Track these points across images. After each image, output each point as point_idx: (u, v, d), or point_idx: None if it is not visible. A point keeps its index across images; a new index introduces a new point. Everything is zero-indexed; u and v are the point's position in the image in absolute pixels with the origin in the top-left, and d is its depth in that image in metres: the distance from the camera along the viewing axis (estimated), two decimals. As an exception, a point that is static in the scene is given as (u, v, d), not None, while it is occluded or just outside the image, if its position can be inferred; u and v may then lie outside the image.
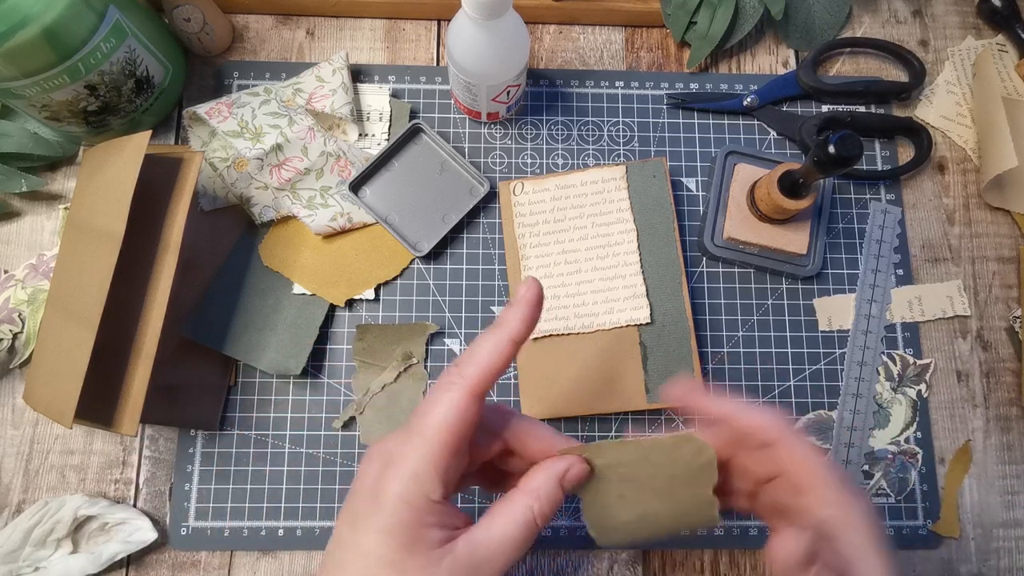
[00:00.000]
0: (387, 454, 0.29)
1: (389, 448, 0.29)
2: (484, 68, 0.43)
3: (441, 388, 0.29)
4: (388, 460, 0.29)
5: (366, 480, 0.29)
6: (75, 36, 0.39)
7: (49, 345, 0.41)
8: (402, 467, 0.28)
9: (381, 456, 0.29)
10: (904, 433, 0.47)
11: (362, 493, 0.29)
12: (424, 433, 0.28)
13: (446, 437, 0.28)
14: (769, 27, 0.55)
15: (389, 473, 0.28)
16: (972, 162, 0.52)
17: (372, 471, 0.29)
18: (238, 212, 0.48)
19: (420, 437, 0.28)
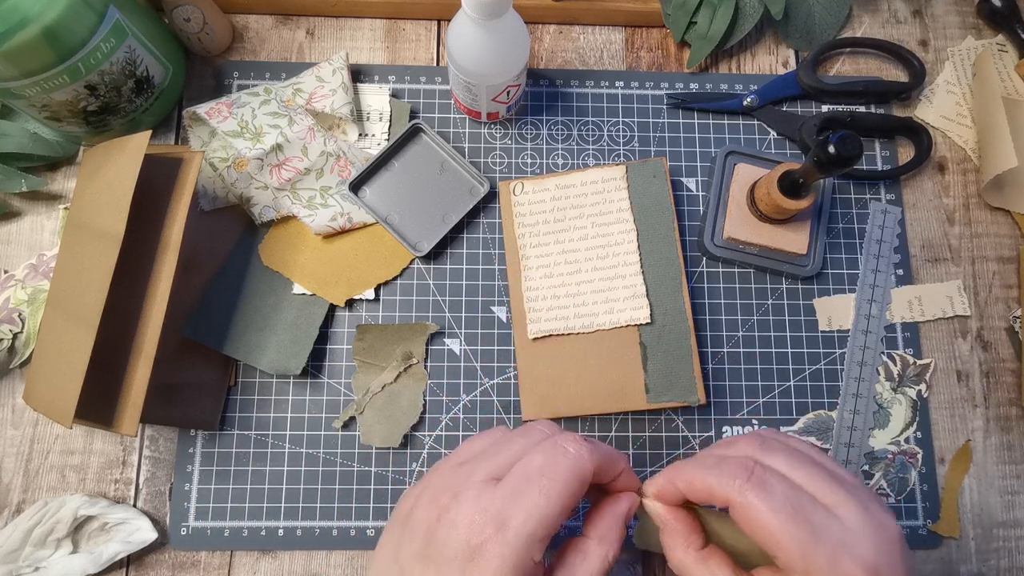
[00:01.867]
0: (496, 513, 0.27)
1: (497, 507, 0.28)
2: (484, 68, 0.43)
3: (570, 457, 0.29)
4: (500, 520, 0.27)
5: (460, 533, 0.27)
6: (75, 36, 0.39)
7: (49, 345, 0.41)
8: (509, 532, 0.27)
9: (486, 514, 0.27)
10: (904, 433, 0.47)
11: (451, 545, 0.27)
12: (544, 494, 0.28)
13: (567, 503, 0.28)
14: (769, 27, 0.55)
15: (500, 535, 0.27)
16: (972, 162, 0.52)
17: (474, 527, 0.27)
18: (238, 212, 0.48)
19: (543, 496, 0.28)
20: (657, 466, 0.46)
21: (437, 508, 0.28)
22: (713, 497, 0.29)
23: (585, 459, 0.29)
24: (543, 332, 0.46)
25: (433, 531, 0.28)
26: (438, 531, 0.28)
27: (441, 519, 0.28)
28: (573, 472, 0.29)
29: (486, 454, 0.30)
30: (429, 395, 0.47)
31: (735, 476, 0.28)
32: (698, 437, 0.47)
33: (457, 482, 0.29)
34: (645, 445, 0.47)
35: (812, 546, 0.26)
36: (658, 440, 0.47)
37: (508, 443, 0.31)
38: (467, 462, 0.31)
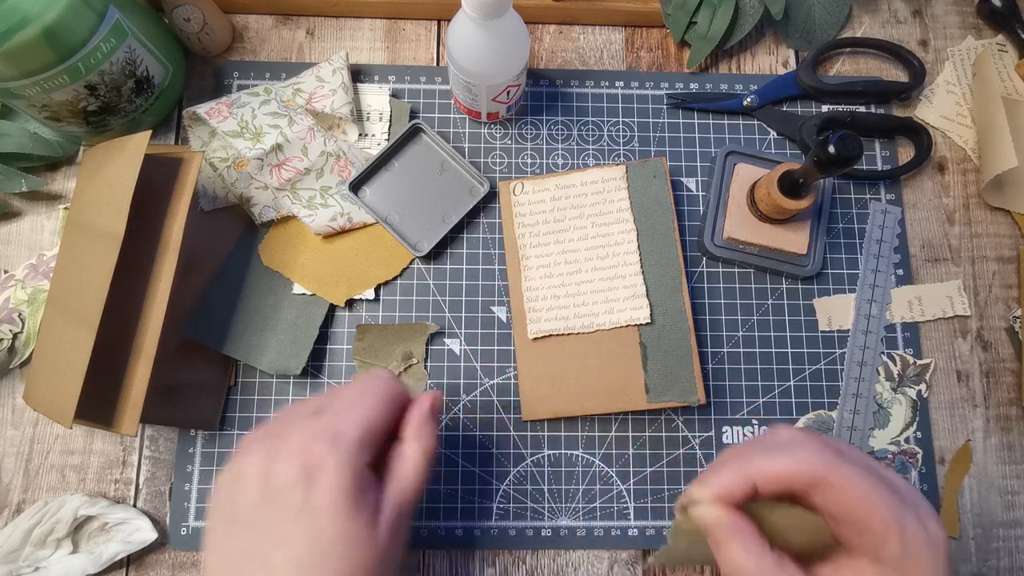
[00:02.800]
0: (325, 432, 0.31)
1: (324, 427, 0.31)
2: (484, 68, 0.43)
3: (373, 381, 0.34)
4: (331, 436, 0.31)
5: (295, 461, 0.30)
6: (75, 36, 0.39)
7: (49, 345, 0.41)
8: (341, 441, 0.30)
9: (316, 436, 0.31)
10: (904, 433, 0.47)
11: (289, 474, 0.30)
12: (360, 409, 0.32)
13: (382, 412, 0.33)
14: (769, 27, 0.55)
15: (334, 446, 0.30)
16: (972, 162, 0.52)
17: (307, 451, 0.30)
18: (238, 212, 0.48)
19: (363, 408, 0.32)
20: (657, 466, 0.46)
21: (268, 453, 0.30)
22: (795, 480, 0.27)
23: (392, 378, 0.35)
24: (543, 332, 0.46)
25: (267, 472, 0.30)
26: (273, 468, 0.30)
27: (274, 458, 0.30)
28: (383, 386, 0.34)
29: (302, 404, 0.34)
30: (429, 395, 0.47)
31: (822, 452, 0.27)
32: (698, 437, 0.47)
33: (280, 428, 0.32)
34: (645, 445, 0.47)
35: (902, 509, 0.26)
36: (658, 440, 0.47)
37: (333, 394, 0.34)
38: (276, 426, 0.33)
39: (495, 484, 0.46)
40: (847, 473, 0.27)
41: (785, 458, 0.28)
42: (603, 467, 0.46)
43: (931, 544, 0.26)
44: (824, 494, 0.27)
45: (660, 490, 0.46)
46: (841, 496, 0.27)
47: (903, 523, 0.26)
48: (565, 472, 0.46)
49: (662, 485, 0.46)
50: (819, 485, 0.27)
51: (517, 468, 0.46)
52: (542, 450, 0.46)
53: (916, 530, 0.26)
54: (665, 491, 0.46)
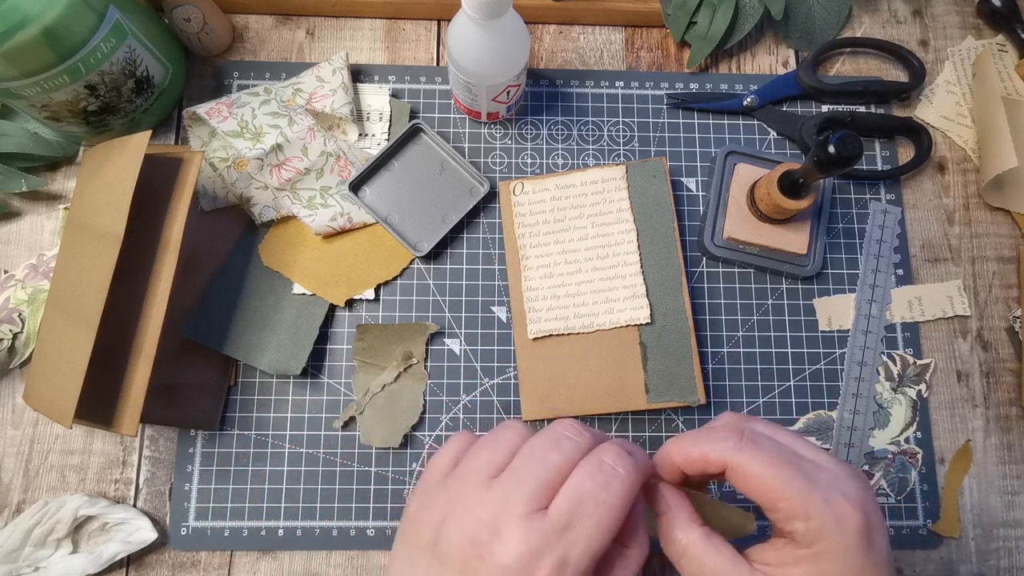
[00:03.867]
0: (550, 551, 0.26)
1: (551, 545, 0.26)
2: (484, 68, 0.43)
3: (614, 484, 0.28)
4: (557, 561, 0.26)
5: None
6: (75, 36, 0.39)
7: (49, 345, 0.41)
8: (575, 565, 0.26)
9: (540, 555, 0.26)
10: (904, 433, 0.47)
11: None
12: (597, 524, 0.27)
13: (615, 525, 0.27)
14: (769, 27, 0.55)
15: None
16: (972, 162, 0.52)
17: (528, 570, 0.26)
18: (238, 212, 0.48)
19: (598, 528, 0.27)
20: (657, 466, 0.46)
21: (478, 546, 0.26)
22: (708, 463, 0.29)
23: (634, 478, 0.28)
24: (543, 332, 0.46)
25: (475, 570, 0.26)
26: (483, 572, 0.26)
27: (485, 559, 0.26)
28: (626, 497, 0.27)
29: (519, 474, 0.28)
30: (429, 395, 0.47)
31: (727, 439, 0.29)
32: (698, 437, 0.47)
33: (495, 511, 0.27)
34: (645, 445, 0.47)
35: (808, 490, 0.27)
36: (658, 440, 0.47)
37: (541, 459, 0.28)
38: (496, 481, 0.28)
39: (495, 484, 0.46)
40: (752, 459, 0.28)
41: (701, 444, 0.30)
42: (603, 467, 0.46)
43: (839, 523, 0.27)
44: (735, 479, 0.29)
45: (660, 490, 0.46)
46: (748, 482, 0.28)
47: (807, 506, 0.27)
48: (565, 472, 0.46)
49: (662, 485, 0.46)
50: (729, 470, 0.29)
51: (517, 468, 0.46)
52: (542, 450, 0.46)
53: (822, 511, 0.27)
54: (665, 491, 0.46)
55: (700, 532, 0.29)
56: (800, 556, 0.28)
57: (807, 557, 0.27)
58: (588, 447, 0.29)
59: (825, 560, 0.27)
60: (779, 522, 0.28)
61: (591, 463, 0.28)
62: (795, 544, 0.28)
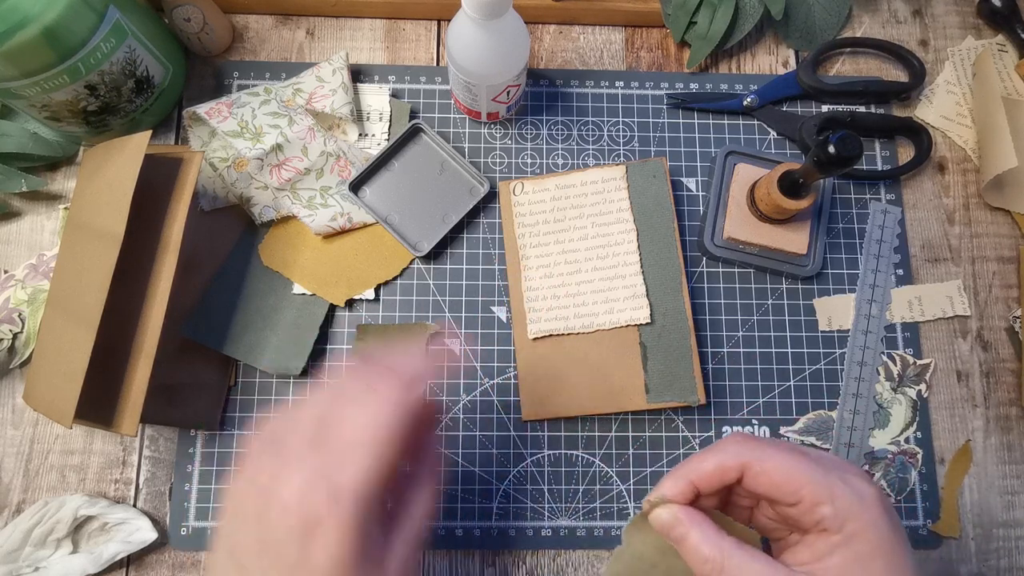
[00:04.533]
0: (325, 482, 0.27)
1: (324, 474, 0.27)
2: (484, 68, 0.43)
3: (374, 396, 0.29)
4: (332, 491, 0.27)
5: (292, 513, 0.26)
6: (75, 36, 0.39)
7: (49, 345, 0.41)
8: (344, 496, 0.27)
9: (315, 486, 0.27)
10: (904, 433, 0.47)
11: (285, 526, 0.26)
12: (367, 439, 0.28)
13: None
14: (769, 27, 0.55)
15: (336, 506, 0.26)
16: (972, 162, 0.52)
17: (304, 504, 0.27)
18: (238, 212, 0.48)
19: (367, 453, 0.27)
20: (657, 466, 0.46)
21: (263, 494, 0.27)
22: (726, 471, 0.29)
23: (390, 395, 0.29)
24: (543, 332, 0.46)
25: (263, 515, 0.27)
26: (269, 514, 0.27)
27: (269, 502, 0.27)
28: (396, 408, 0.28)
29: (295, 422, 0.29)
30: (429, 395, 0.47)
31: (740, 444, 0.30)
32: (698, 437, 0.47)
33: (280, 454, 0.28)
34: (645, 445, 0.47)
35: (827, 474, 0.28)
36: (658, 440, 0.47)
37: (311, 403, 0.30)
38: (280, 435, 0.29)
39: (495, 484, 0.46)
40: (768, 454, 0.29)
41: (714, 454, 0.30)
42: (603, 467, 0.46)
43: (861, 500, 0.28)
44: (755, 479, 0.29)
45: (660, 490, 0.46)
46: (769, 476, 0.29)
47: (830, 488, 0.28)
48: (565, 472, 0.46)
49: (662, 485, 0.46)
50: (748, 471, 0.29)
51: (517, 468, 0.46)
52: (542, 450, 0.46)
53: (843, 491, 0.28)
54: (665, 491, 0.46)
55: (732, 542, 0.29)
56: (834, 543, 0.28)
57: (840, 543, 0.28)
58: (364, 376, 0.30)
59: (857, 540, 0.27)
60: (805, 514, 0.28)
61: (346, 389, 0.29)
62: (826, 533, 0.28)
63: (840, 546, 0.28)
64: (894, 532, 0.28)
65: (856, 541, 0.27)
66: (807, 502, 0.28)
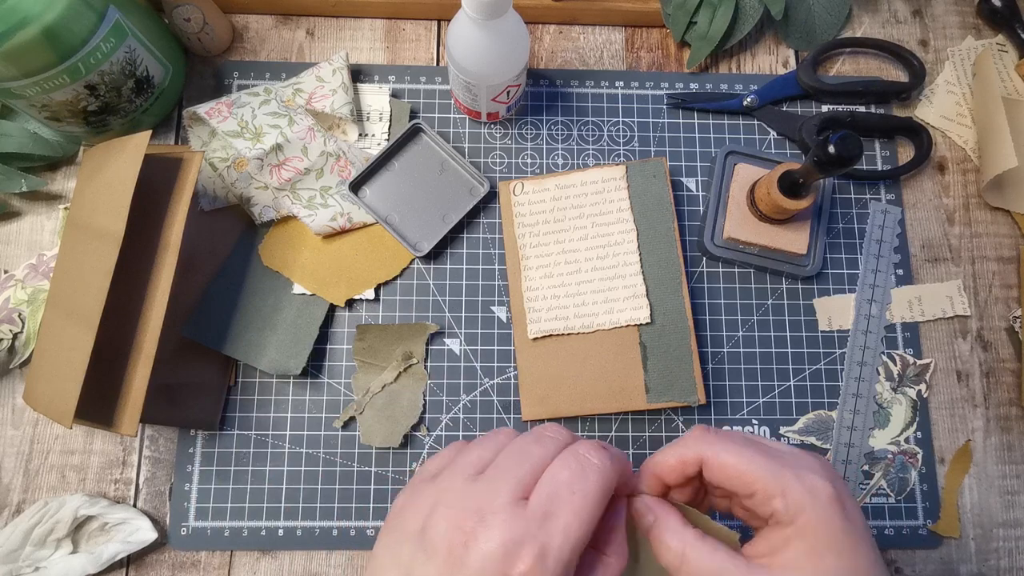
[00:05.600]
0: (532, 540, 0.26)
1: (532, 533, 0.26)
2: (484, 68, 0.43)
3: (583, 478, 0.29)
4: (538, 548, 0.26)
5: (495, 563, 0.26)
6: (75, 36, 0.39)
7: (49, 345, 0.41)
8: (550, 561, 0.26)
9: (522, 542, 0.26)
10: (904, 433, 0.47)
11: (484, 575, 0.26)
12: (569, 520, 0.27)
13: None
14: (769, 27, 0.55)
15: (540, 564, 0.26)
16: (972, 162, 0.52)
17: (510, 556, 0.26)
18: (238, 212, 0.48)
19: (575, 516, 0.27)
20: (657, 466, 0.46)
21: (463, 533, 0.27)
22: (685, 463, 0.30)
23: (609, 470, 0.29)
24: (543, 332, 0.46)
25: (459, 557, 0.26)
26: (467, 558, 0.26)
27: (469, 545, 0.26)
28: (601, 486, 0.28)
29: (503, 467, 0.29)
30: (429, 395, 0.47)
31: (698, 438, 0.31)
32: (698, 437, 0.47)
33: (480, 502, 0.28)
34: (645, 445, 0.47)
35: (779, 468, 0.29)
36: (658, 440, 0.47)
37: (523, 454, 0.29)
38: (483, 475, 0.29)
39: (495, 484, 0.46)
40: (723, 449, 0.30)
41: (675, 448, 0.31)
42: (603, 467, 0.46)
43: (813, 494, 0.28)
44: (712, 472, 0.30)
45: (660, 490, 0.46)
46: (724, 470, 0.29)
47: (782, 482, 0.28)
48: (565, 472, 0.46)
49: (662, 485, 0.46)
50: (705, 464, 0.30)
51: (517, 468, 0.46)
52: (542, 450, 0.46)
53: (795, 485, 0.28)
54: (665, 491, 0.46)
55: (694, 533, 0.30)
56: (787, 536, 0.28)
57: (793, 535, 0.28)
58: (567, 443, 0.30)
59: (809, 534, 0.28)
60: (759, 506, 0.29)
61: (568, 454, 0.29)
62: (780, 525, 0.29)
63: (793, 539, 0.28)
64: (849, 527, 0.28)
65: (808, 535, 0.28)
66: (760, 495, 0.29)
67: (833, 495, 0.28)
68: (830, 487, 0.28)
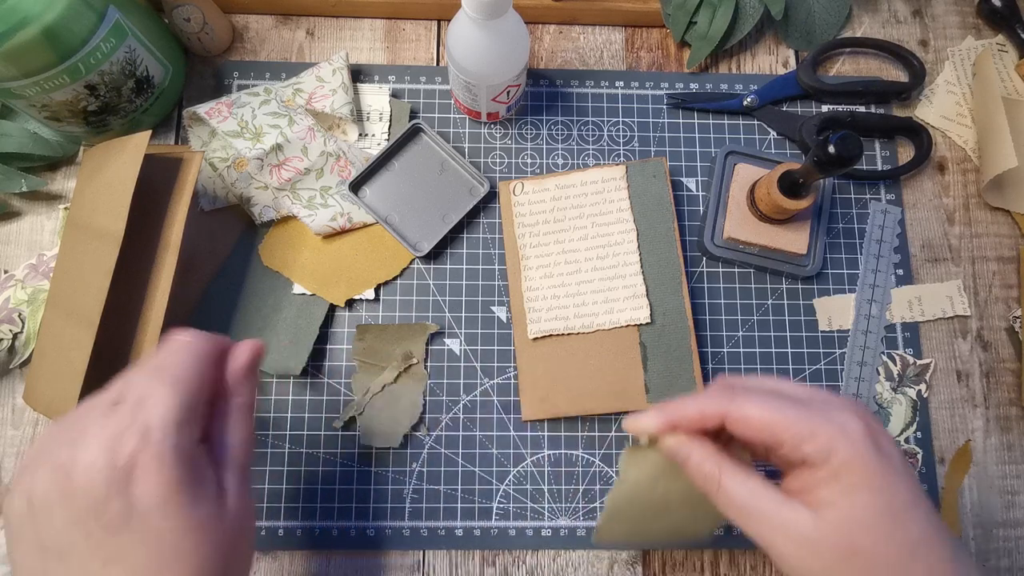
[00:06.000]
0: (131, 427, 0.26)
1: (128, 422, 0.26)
2: (484, 68, 0.43)
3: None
4: (140, 430, 0.26)
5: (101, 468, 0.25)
6: (75, 36, 0.39)
7: (49, 345, 0.41)
8: (154, 429, 0.26)
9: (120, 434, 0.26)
10: (904, 433, 0.47)
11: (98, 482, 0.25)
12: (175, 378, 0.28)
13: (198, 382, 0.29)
14: (769, 27, 0.55)
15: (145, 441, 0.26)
16: (972, 162, 0.52)
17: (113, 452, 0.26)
18: (238, 212, 0.48)
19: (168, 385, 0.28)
20: (657, 466, 0.46)
21: (61, 468, 0.26)
22: (705, 418, 0.31)
23: (194, 339, 0.30)
24: (543, 332, 0.46)
25: (67, 487, 0.25)
26: (76, 482, 0.25)
27: (72, 472, 0.25)
28: (187, 352, 0.29)
29: (94, 398, 0.29)
30: (429, 395, 0.47)
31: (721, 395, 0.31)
32: (698, 437, 0.47)
33: (71, 434, 0.27)
34: (645, 445, 0.47)
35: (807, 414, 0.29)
36: (658, 440, 0.47)
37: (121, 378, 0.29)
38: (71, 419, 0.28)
39: (495, 484, 0.46)
40: (745, 403, 0.30)
41: (697, 401, 0.31)
42: (603, 467, 0.46)
43: (844, 433, 0.28)
44: (736, 426, 0.30)
45: (660, 490, 0.46)
46: (748, 424, 0.29)
47: (811, 426, 0.28)
48: (565, 472, 0.46)
49: (662, 485, 0.46)
50: (728, 418, 0.30)
51: (517, 468, 0.46)
52: (542, 450, 0.46)
53: (825, 428, 0.28)
54: (665, 491, 0.46)
55: (730, 461, 0.30)
56: (821, 478, 0.28)
57: (827, 477, 0.28)
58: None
59: (844, 475, 0.28)
60: (790, 454, 0.29)
61: (144, 360, 0.30)
62: (814, 468, 0.29)
63: (827, 479, 0.28)
64: (884, 463, 0.28)
65: (842, 474, 0.28)
66: (789, 444, 0.29)
67: (865, 431, 0.28)
68: (861, 424, 0.28)
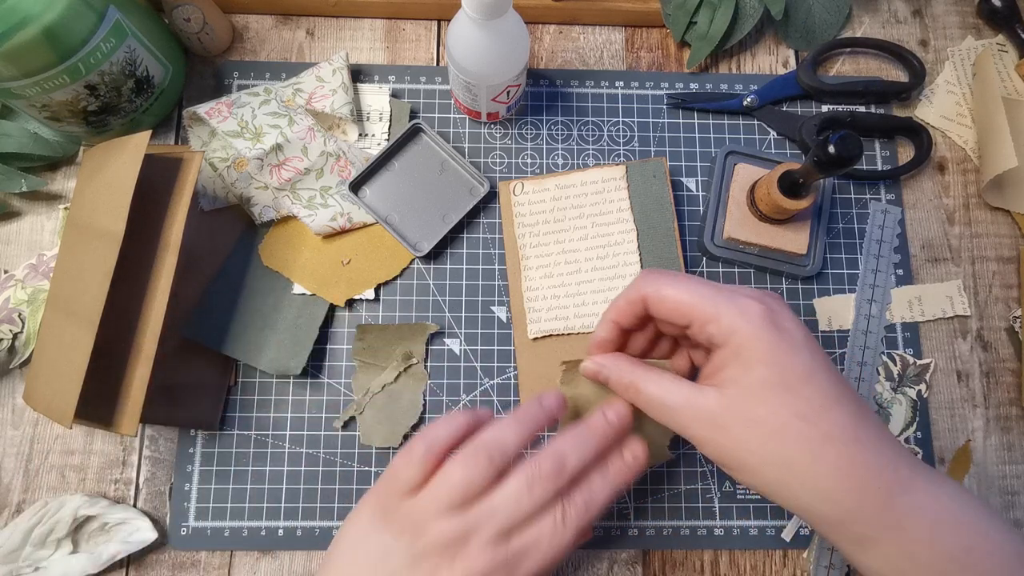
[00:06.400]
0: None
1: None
2: (484, 68, 0.43)
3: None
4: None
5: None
6: (75, 36, 0.39)
7: (49, 345, 0.41)
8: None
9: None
10: (904, 433, 0.47)
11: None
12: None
13: None
14: (769, 27, 0.55)
15: None
16: (972, 162, 0.52)
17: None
18: (238, 212, 0.48)
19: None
20: (657, 466, 0.46)
21: (449, 547, 0.30)
22: (632, 303, 0.34)
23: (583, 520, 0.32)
24: (543, 332, 0.46)
25: (436, 567, 0.30)
26: (441, 568, 0.30)
27: (456, 562, 0.30)
28: (573, 541, 0.32)
29: (495, 506, 0.31)
30: (429, 395, 0.47)
31: (644, 279, 0.34)
32: (698, 437, 0.47)
33: (466, 529, 0.30)
34: (645, 445, 0.47)
35: (716, 296, 0.31)
36: (658, 440, 0.47)
37: (515, 499, 0.31)
38: (479, 504, 0.31)
39: (495, 484, 0.46)
40: (666, 283, 0.33)
41: (624, 292, 0.35)
42: (603, 467, 0.46)
43: (744, 315, 0.30)
44: (655, 306, 0.33)
45: (660, 490, 0.46)
46: (664, 303, 0.32)
47: (716, 306, 0.31)
48: (565, 472, 0.46)
49: (662, 485, 0.46)
50: (649, 300, 0.33)
51: (517, 468, 0.46)
52: (542, 450, 0.46)
53: (728, 308, 0.31)
54: (665, 491, 0.46)
55: (644, 367, 0.34)
56: (725, 357, 0.31)
57: (730, 356, 0.30)
58: (558, 488, 0.32)
59: (744, 352, 0.30)
60: (699, 334, 0.32)
61: (551, 513, 0.31)
62: (719, 349, 0.31)
63: (730, 358, 0.30)
64: (781, 339, 0.30)
65: (742, 352, 0.30)
66: (697, 322, 0.31)
67: (763, 312, 0.30)
68: (759, 306, 0.31)
